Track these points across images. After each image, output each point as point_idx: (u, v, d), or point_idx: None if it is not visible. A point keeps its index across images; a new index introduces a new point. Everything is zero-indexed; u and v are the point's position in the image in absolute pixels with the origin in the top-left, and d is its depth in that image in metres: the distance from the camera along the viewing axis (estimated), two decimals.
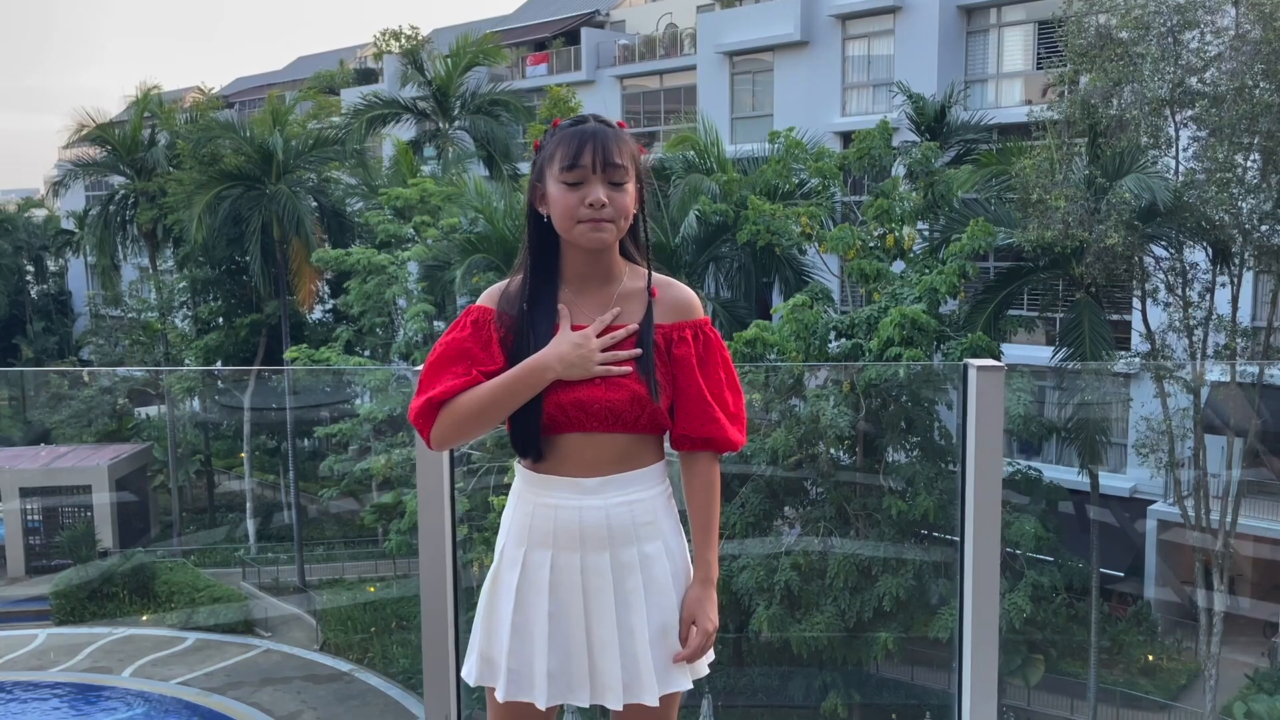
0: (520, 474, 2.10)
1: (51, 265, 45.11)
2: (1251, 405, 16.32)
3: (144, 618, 22.26)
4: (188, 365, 29.78)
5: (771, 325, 16.27)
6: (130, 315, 34.19)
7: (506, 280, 2.10)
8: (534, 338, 2.00)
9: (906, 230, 17.27)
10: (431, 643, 2.45)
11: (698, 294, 2.14)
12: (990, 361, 2.15)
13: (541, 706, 2.05)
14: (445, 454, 2.51)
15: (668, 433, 2.09)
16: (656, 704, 2.03)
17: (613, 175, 1.95)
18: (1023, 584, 15.32)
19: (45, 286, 44.72)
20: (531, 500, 2.06)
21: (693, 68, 28.40)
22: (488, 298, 2.08)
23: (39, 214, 44.61)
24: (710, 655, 2.11)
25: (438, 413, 1.99)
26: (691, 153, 20.53)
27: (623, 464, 2.03)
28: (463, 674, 2.15)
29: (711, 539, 2.08)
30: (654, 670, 2.01)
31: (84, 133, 29.52)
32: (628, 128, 2.06)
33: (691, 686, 2.07)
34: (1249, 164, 14.94)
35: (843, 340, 16.27)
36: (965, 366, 2.21)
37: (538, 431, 2.01)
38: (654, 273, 2.07)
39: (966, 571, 2.18)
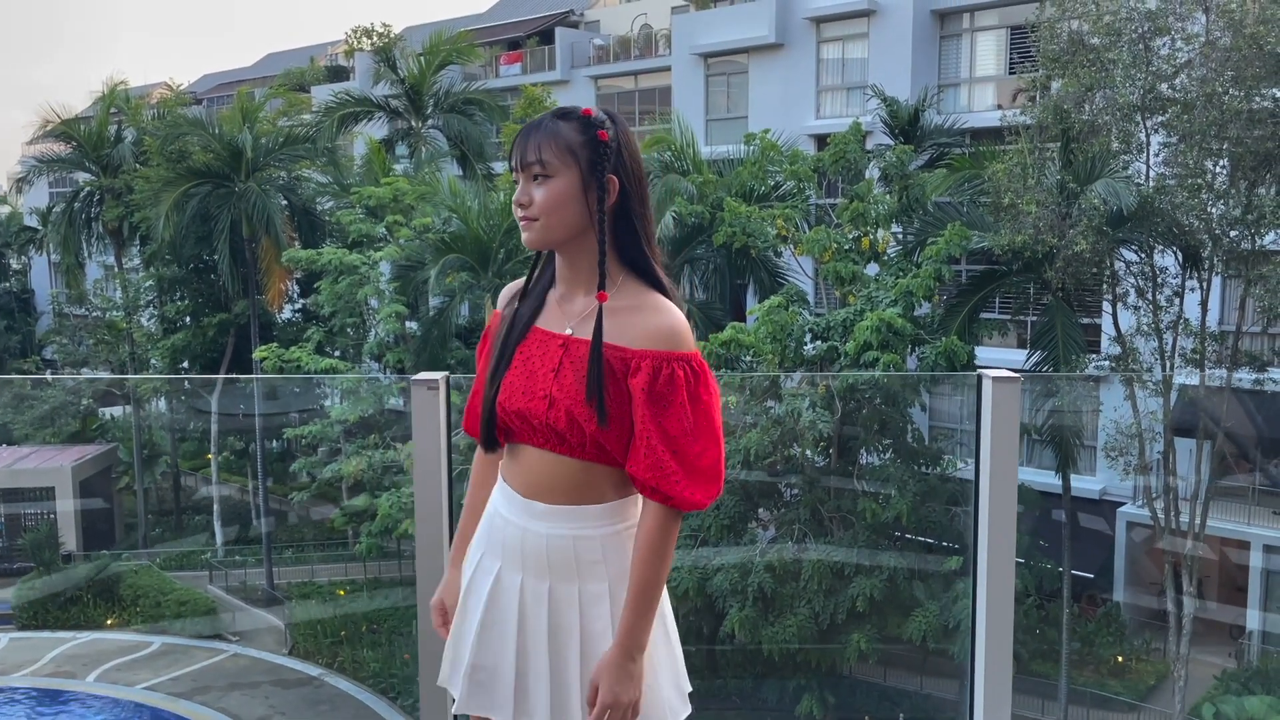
0: (499, 473, 2.06)
1: (14, 263, 44.31)
2: (1220, 409, 16.50)
3: (109, 622, 21.92)
4: (154, 365, 29.36)
5: (747, 327, 16.27)
6: (95, 314, 33.66)
7: (517, 281, 2.09)
8: (508, 338, 1.98)
9: (881, 233, 17.34)
10: (428, 655, 2.36)
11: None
12: (1005, 372, 2.10)
13: (455, 707, 2.03)
14: (443, 460, 2.43)
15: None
16: None
17: (531, 171, 1.86)
18: None
19: (7, 284, 43.90)
20: (494, 506, 2.03)
21: (667, 69, 28.37)
22: (500, 302, 2.09)
23: (1, 210, 43.80)
24: None
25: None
26: (668, 153, 20.51)
27: (576, 494, 1.91)
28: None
29: (638, 602, 1.85)
30: (581, 712, 1.93)
31: (49, 128, 29.03)
32: (592, 114, 1.90)
33: None
34: (1218, 170, 15.11)
35: (818, 343, 16.29)
36: (980, 377, 2.16)
37: (491, 429, 1.98)
38: (651, 291, 1.90)
39: (979, 586, 2.13)
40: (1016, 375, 2.11)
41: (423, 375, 2.35)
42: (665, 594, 1.96)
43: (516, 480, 1.96)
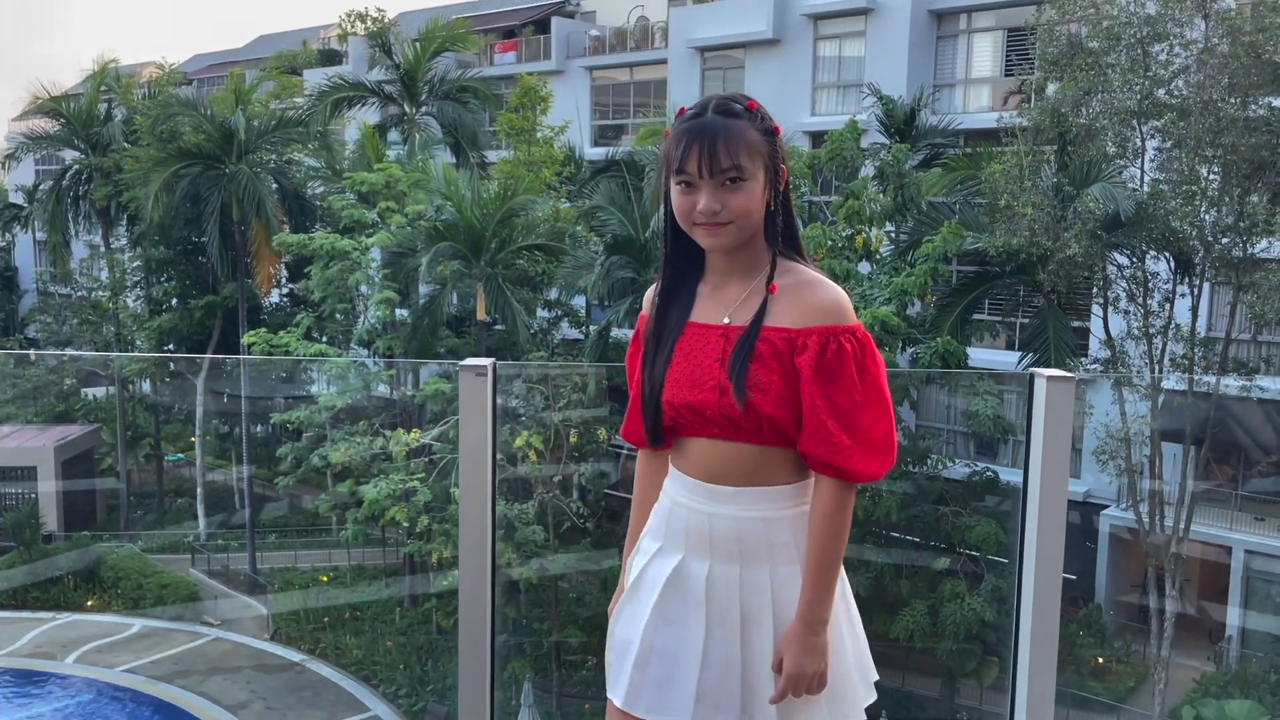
0: (670, 466, 2.04)
1: None
2: (1207, 414, 16.60)
3: (89, 603, 21.78)
4: (139, 346, 29.14)
5: None
6: (80, 294, 33.37)
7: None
8: (662, 335, 1.95)
9: (874, 232, 17.35)
10: (469, 654, 2.32)
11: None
12: (1060, 372, 2.07)
13: (619, 703, 1.96)
14: (489, 448, 2.38)
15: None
16: None
17: (724, 177, 1.81)
18: (983, 587, 15.48)
19: None
20: (669, 495, 2.00)
21: (663, 62, 28.29)
22: (645, 305, 2.05)
23: None
24: (858, 709, 2.01)
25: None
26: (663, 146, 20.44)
27: (755, 477, 1.90)
28: None
29: (817, 576, 1.87)
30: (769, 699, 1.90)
31: (37, 104, 28.73)
32: (757, 107, 1.88)
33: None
34: (1211, 176, 15.18)
35: None
36: (1032, 377, 2.13)
37: (657, 428, 1.97)
38: (806, 269, 1.92)
39: (1025, 594, 2.11)
40: (1071, 375, 2.08)
41: (471, 361, 2.29)
42: (846, 581, 1.99)
43: (695, 470, 1.94)
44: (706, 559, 1.92)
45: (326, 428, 20.93)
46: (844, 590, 1.99)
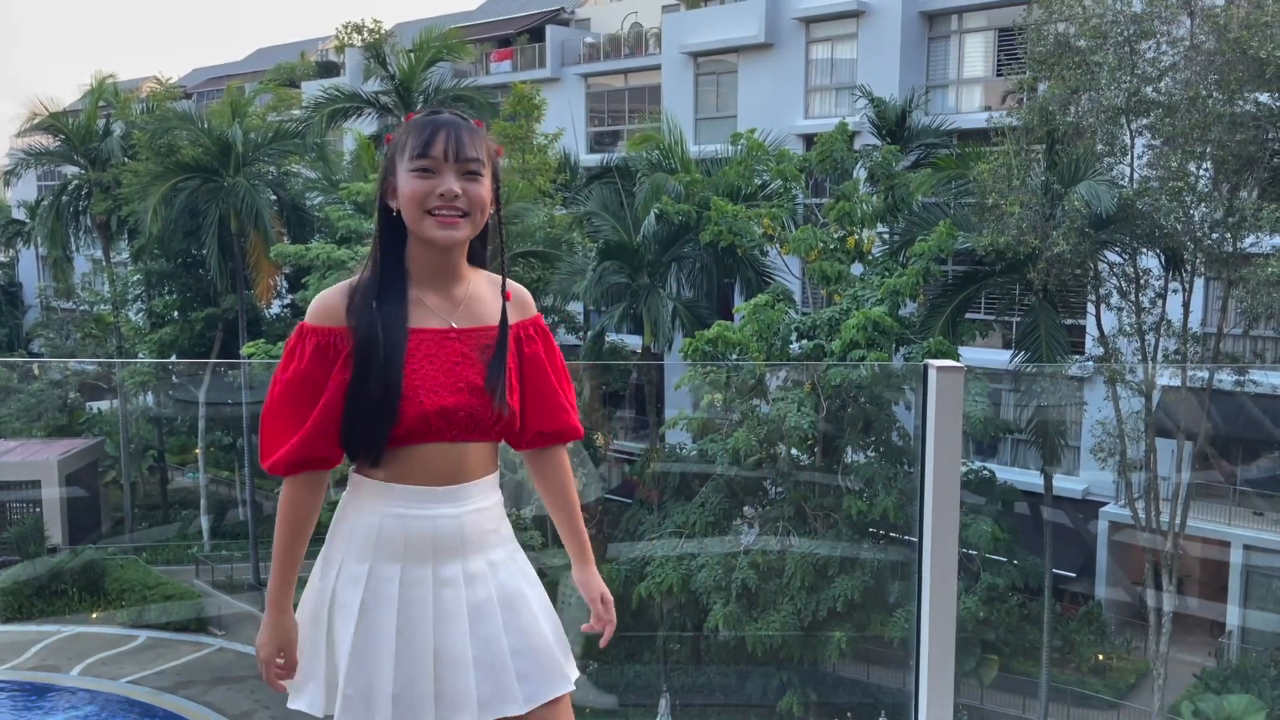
0: (358, 484, 1.98)
1: (1, 256, 44.14)
2: (1202, 409, 16.63)
3: (93, 615, 21.87)
4: (142, 359, 29.29)
5: (733, 325, 16.34)
6: (82, 308, 33.55)
7: (341, 288, 1.95)
8: (385, 337, 1.88)
9: (866, 233, 17.42)
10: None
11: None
12: (950, 362, 2.17)
13: None
14: None
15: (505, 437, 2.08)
16: (522, 711, 1.96)
17: (466, 166, 1.89)
18: (978, 586, 15.50)
19: None
20: (377, 511, 1.95)
21: (657, 67, 28.41)
22: (324, 314, 1.92)
23: None
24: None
25: (286, 475, 1.99)
26: (656, 152, 20.57)
27: (472, 472, 1.97)
28: (301, 706, 2.01)
29: (583, 523, 2.19)
30: (519, 679, 1.96)
31: (36, 121, 28.93)
32: (484, 127, 1.98)
33: (574, 688, 2.04)
34: (1201, 173, 15.22)
35: (804, 341, 16.37)
36: (925, 367, 2.22)
37: (384, 442, 1.90)
38: (491, 273, 2.05)
39: (924, 572, 2.20)
40: (960, 366, 2.18)
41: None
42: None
43: (409, 476, 1.93)
44: (428, 563, 1.93)
45: None
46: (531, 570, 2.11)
